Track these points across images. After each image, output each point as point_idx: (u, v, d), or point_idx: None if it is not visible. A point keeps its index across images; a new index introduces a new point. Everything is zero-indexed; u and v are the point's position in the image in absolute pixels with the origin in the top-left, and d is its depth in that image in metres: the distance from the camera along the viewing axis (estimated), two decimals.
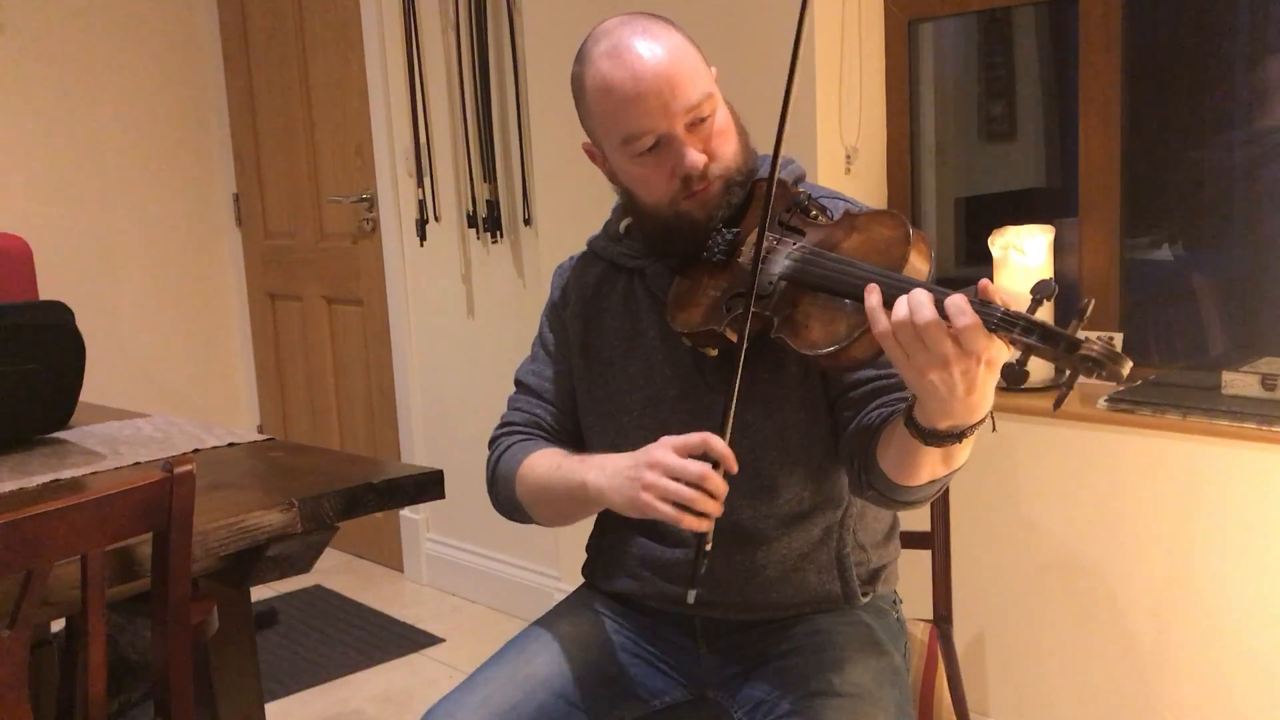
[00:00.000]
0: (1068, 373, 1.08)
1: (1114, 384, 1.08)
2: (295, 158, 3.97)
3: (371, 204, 3.66)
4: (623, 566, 1.53)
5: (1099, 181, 2.22)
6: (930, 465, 1.24)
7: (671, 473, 1.23)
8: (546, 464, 1.46)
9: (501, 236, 3.22)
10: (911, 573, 1.83)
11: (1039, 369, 2.22)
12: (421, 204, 3.42)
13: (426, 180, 3.41)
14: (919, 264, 1.24)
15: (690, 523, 1.22)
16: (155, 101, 4.11)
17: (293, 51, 3.88)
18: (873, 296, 1.15)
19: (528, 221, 3.14)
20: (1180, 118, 2.29)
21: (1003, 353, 1.10)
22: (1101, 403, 2.08)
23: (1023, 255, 2.19)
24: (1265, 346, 2.14)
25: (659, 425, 1.45)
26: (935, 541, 1.81)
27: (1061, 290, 2.21)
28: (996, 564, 2.25)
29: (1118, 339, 2.20)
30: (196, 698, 1.52)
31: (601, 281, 1.54)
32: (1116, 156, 2.20)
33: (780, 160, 1.33)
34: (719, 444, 1.23)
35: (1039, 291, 1.09)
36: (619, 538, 1.53)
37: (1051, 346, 1.06)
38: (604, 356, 1.51)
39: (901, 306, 1.11)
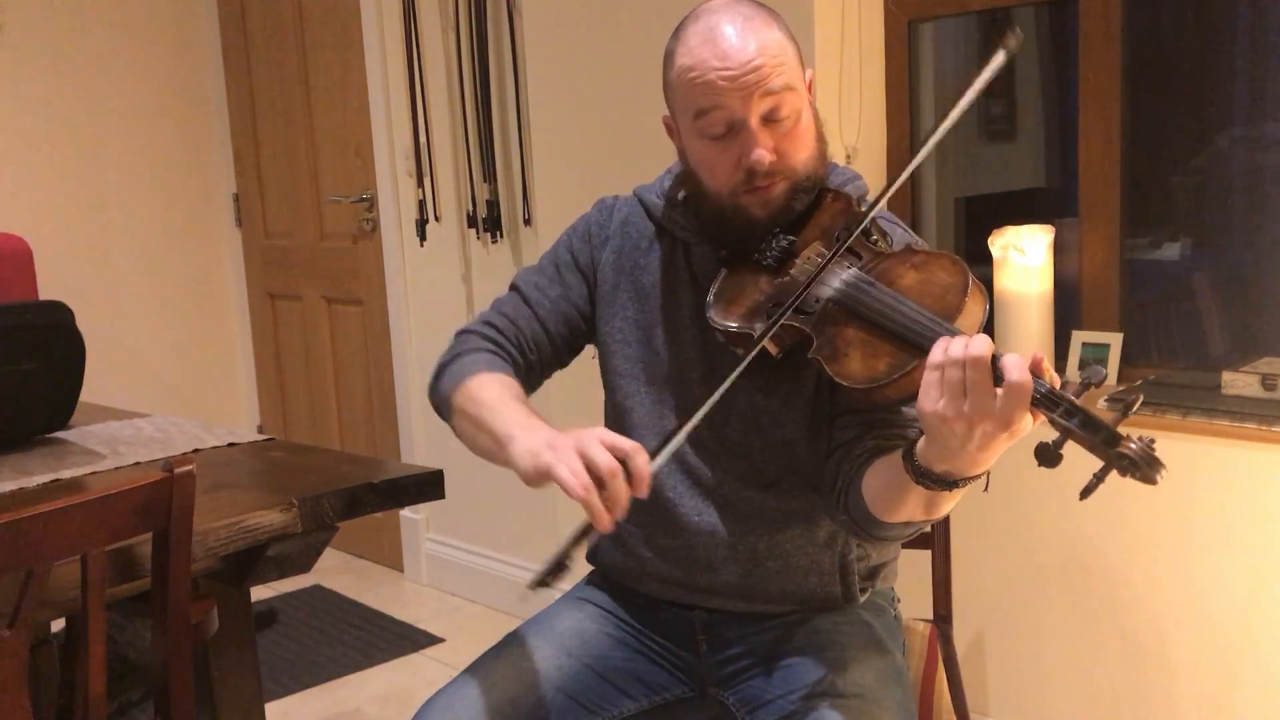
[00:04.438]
0: (1101, 464, 1.05)
1: (1146, 484, 1.06)
2: (295, 158, 3.97)
3: (371, 204, 3.66)
4: (624, 544, 1.52)
5: (1099, 181, 2.22)
6: (911, 507, 1.23)
7: (586, 459, 1.18)
8: (494, 393, 1.40)
9: (501, 236, 3.22)
10: (911, 573, 1.83)
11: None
12: (421, 204, 3.42)
13: (426, 180, 3.41)
14: (975, 314, 1.21)
15: (579, 494, 1.16)
16: (155, 101, 4.11)
17: (293, 51, 3.88)
18: (936, 356, 1.11)
19: (528, 221, 3.14)
20: (1180, 117, 2.29)
21: (1028, 428, 1.08)
22: (1101, 403, 2.08)
23: (1023, 255, 2.19)
24: (1265, 346, 2.14)
25: (676, 403, 1.46)
26: (935, 541, 1.81)
27: (1062, 290, 2.23)
28: (996, 564, 2.25)
29: (1116, 340, 2.20)
30: (196, 698, 1.52)
31: (645, 237, 1.51)
32: (1116, 156, 2.20)
33: (845, 173, 1.31)
34: (642, 460, 1.19)
35: (1089, 377, 1.07)
36: (624, 520, 1.52)
37: (1090, 435, 1.04)
38: (630, 315, 1.49)
39: (958, 345, 1.09)
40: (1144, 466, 1.02)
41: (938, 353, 1.10)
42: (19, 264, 3.57)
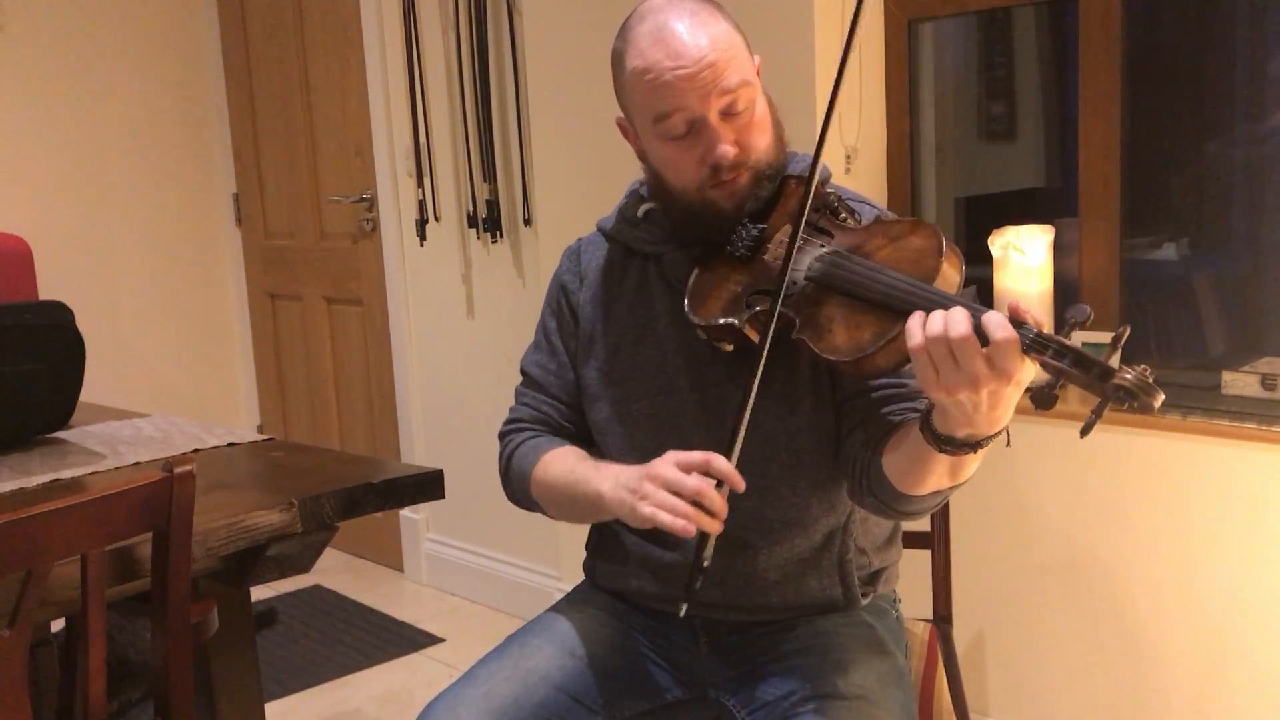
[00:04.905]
0: (1098, 400, 1.05)
1: (1144, 414, 1.06)
2: (295, 158, 3.97)
3: (371, 204, 3.66)
4: (622, 566, 1.53)
5: (1099, 181, 2.22)
6: (938, 475, 1.23)
7: (670, 486, 1.24)
8: (561, 467, 1.46)
9: (501, 236, 3.22)
10: (911, 573, 1.83)
11: (1032, 367, 2.22)
12: (421, 204, 3.42)
13: (426, 180, 3.41)
14: (951, 276, 1.22)
15: (682, 529, 1.22)
16: (155, 101, 4.11)
17: (293, 51, 3.88)
18: (916, 317, 1.12)
19: (528, 221, 3.14)
20: (1180, 117, 2.29)
21: (1030, 373, 1.09)
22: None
23: (1023, 255, 2.19)
24: (1265, 346, 2.14)
25: (669, 415, 1.45)
26: (935, 541, 1.81)
27: (1062, 290, 2.23)
28: (996, 564, 2.25)
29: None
30: (196, 698, 1.52)
31: (615, 265, 1.52)
32: (1116, 156, 2.20)
33: (805, 159, 1.32)
34: (720, 463, 1.23)
35: (1073, 316, 1.07)
36: (619, 539, 1.53)
37: (1084, 373, 1.04)
38: (613, 342, 1.50)
39: (937, 322, 1.09)
40: (1141, 395, 1.03)
41: (916, 333, 1.11)
42: (19, 264, 3.57)
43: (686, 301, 1.38)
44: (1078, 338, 1.09)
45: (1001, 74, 2.62)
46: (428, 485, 1.72)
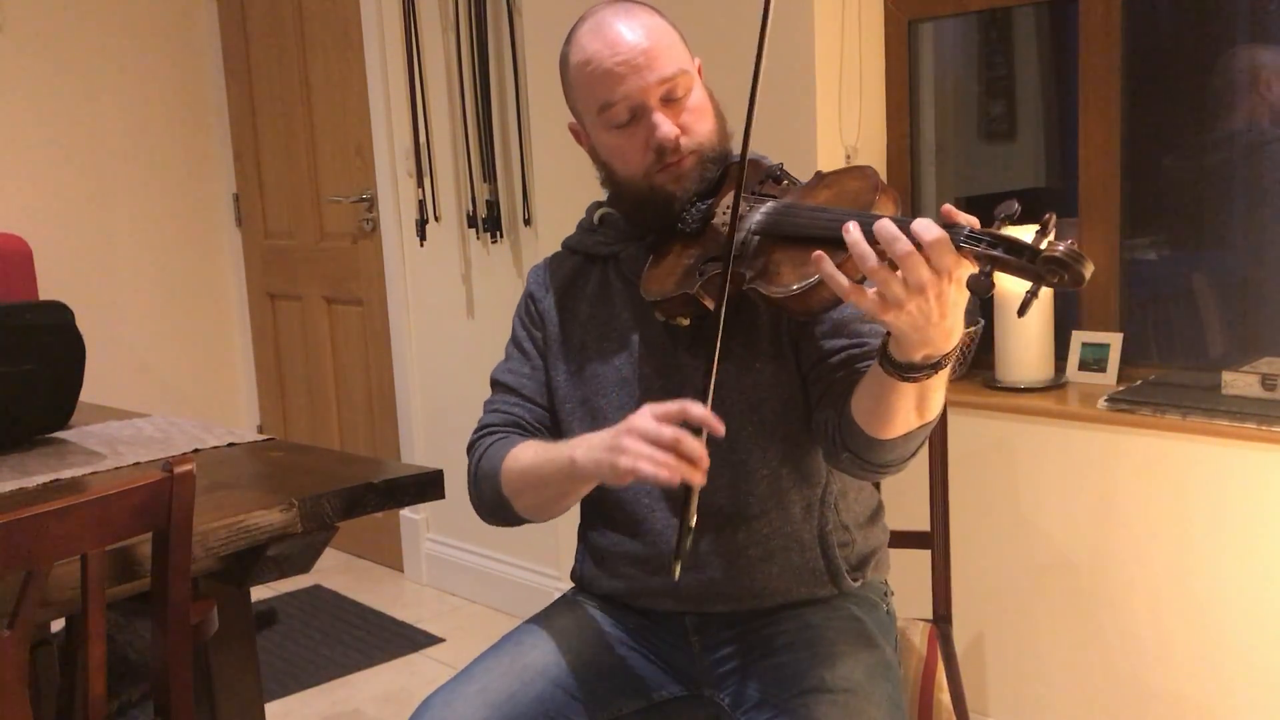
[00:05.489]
0: (1030, 285, 1.09)
1: (1076, 288, 1.08)
2: (295, 158, 3.97)
3: (371, 204, 3.66)
4: (608, 568, 1.53)
5: (1099, 181, 2.22)
6: (905, 412, 1.24)
7: (648, 437, 1.23)
8: (530, 453, 1.46)
9: (501, 236, 3.22)
10: (911, 573, 1.83)
11: (1032, 368, 2.23)
12: (421, 204, 3.42)
13: (426, 180, 3.41)
14: (888, 208, 1.25)
15: (666, 478, 1.21)
16: (155, 101, 4.11)
17: (293, 51, 3.88)
18: (852, 232, 1.14)
19: (528, 221, 3.14)
20: (1180, 118, 2.29)
21: (968, 270, 1.11)
22: (1101, 403, 2.08)
23: None
24: (1265, 346, 2.14)
25: (635, 405, 1.45)
26: (935, 541, 1.81)
27: (1062, 290, 2.22)
28: (996, 564, 2.26)
29: (1116, 340, 2.21)
30: (196, 698, 1.52)
31: (576, 274, 1.58)
32: (1116, 156, 2.20)
33: (752, 152, 1.36)
34: (698, 409, 1.23)
35: (1002, 211, 1.11)
36: (603, 541, 1.53)
37: (1016, 256, 1.07)
38: (578, 342, 1.54)
39: (874, 231, 1.12)
40: (1072, 263, 1.05)
41: (859, 245, 1.12)
42: (19, 264, 3.57)
43: (642, 284, 1.43)
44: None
45: (1001, 74, 2.62)
46: (428, 485, 1.72)
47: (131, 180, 4.07)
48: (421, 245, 3.46)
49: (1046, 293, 1.16)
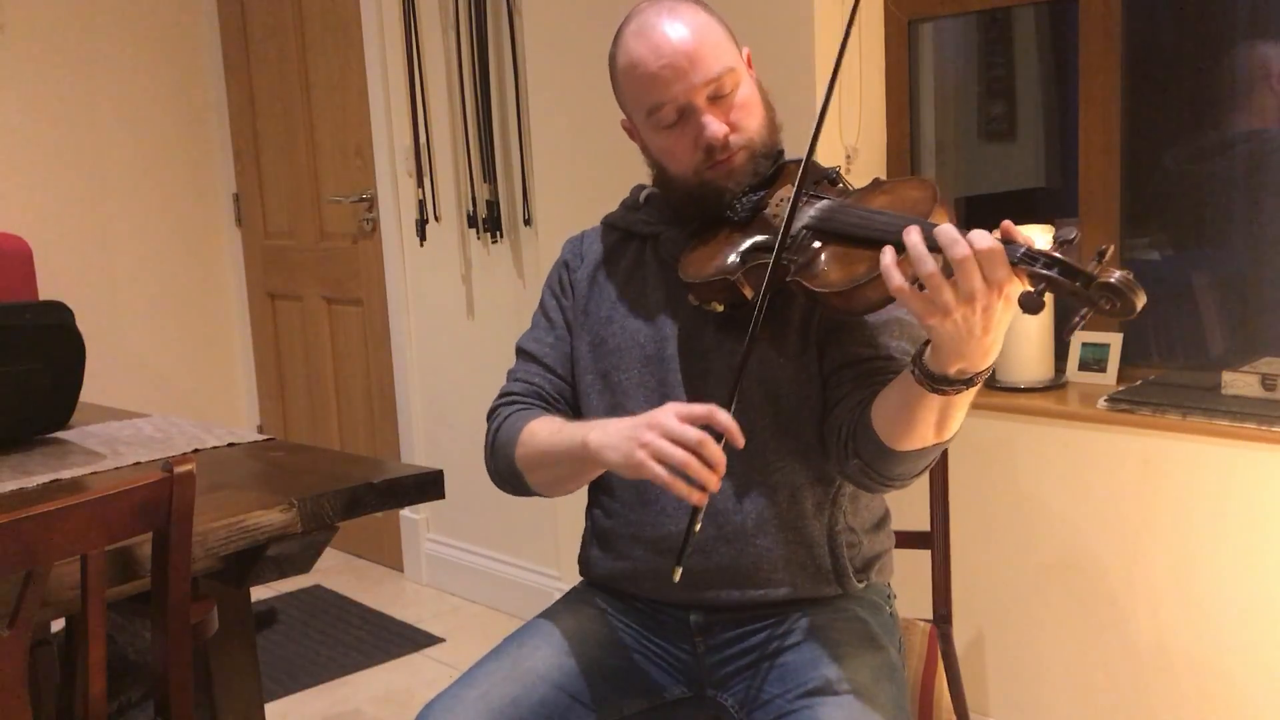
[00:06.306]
0: (1083, 310, 1.10)
1: (1126, 318, 1.11)
2: (295, 158, 3.97)
3: (371, 204, 3.66)
4: (614, 548, 1.52)
5: (1099, 181, 2.22)
6: (925, 425, 1.24)
7: (670, 436, 1.23)
8: (548, 429, 1.46)
9: (501, 237, 3.22)
10: (911, 573, 1.83)
11: (1033, 368, 2.22)
12: (421, 204, 3.42)
13: (426, 180, 3.41)
14: (943, 222, 1.24)
15: (681, 490, 1.21)
16: (155, 101, 4.11)
17: (293, 51, 3.88)
18: (913, 234, 1.14)
19: (528, 221, 3.14)
20: (1180, 118, 2.29)
21: (1019, 289, 1.12)
22: (1102, 403, 2.08)
23: None
24: (1265, 346, 2.14)
25: (658, 383, 1.47)
26: (935, 541, 1.81)
27: None
28: (996, 564, 2.26)
29: (1116, 340, 2.21)
30: (196, 698, 1.52)
31: (613, 249, 1.58)
32: (1116, 156, 2.20)
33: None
34: (724, 416, 1.23)
35: (1062, 235, 1.13)
36: (610, 521, 1.53)
37: (1070, 279, 1.08)
38: (605, 315, 1.54)
39: (936, 238, 1.12)
40: (1126, 292, 1.07)
41: (916, 245, 1.13)
42: (19, 264, 3.56)
43: (681, 265, 1.43)
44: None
45: (1001, 74, 2.62)
46: (428, 485, 1.72)
47: (131, 180, 4.07)
48: (421, 245, 3.46)
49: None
